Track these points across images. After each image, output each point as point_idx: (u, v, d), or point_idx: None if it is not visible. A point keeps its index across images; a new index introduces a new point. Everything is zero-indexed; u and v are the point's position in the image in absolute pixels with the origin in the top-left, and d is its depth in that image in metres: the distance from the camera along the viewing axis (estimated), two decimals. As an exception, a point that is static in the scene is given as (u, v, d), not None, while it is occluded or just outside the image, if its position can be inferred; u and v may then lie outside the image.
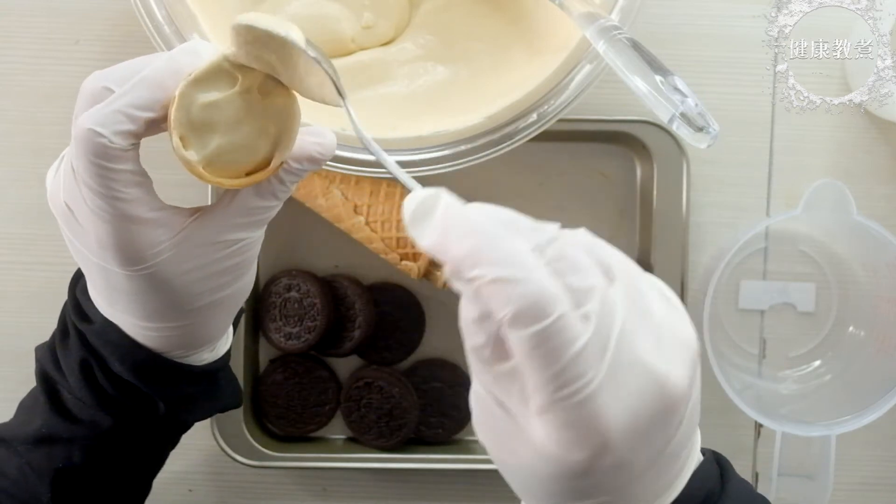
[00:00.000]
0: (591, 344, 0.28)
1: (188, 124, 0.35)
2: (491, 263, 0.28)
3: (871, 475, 0.61)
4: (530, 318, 0.27)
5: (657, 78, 0.37)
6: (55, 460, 0.41)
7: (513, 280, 0.27)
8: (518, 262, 0.28)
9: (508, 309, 0.27)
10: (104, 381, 0.40)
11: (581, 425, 0.28)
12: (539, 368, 0.27)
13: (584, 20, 0.43)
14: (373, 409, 0.58)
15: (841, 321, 0.60)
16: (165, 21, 0.47)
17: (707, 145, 0.36)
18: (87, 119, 0.34)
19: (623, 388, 0.28)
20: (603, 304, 0.28)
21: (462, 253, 0.28)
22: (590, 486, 0.29)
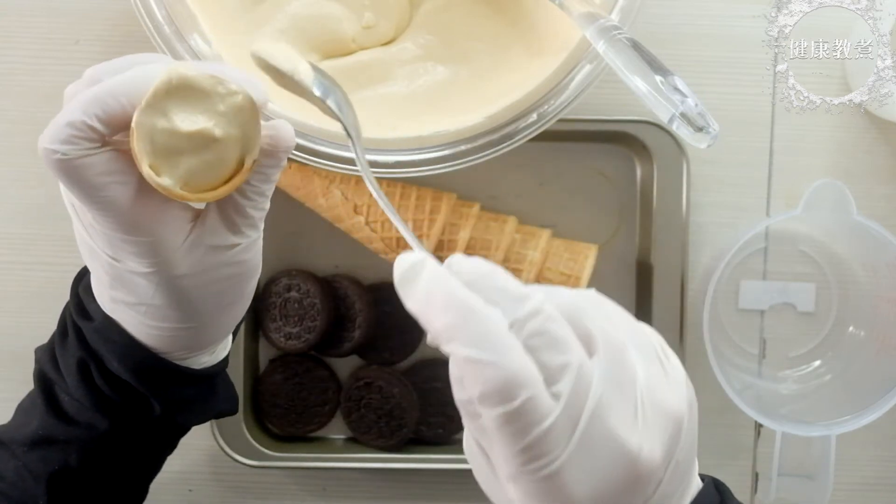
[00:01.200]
0: (559, 422, 0.28)
1: (153, 153, 0.34)
2: (465, 342, 0.28)
3: (871, 475, 0.61)
4: (498, 400, 0.27)
5: (657, 78, 0.37)
6: (52, 462, 0.41)
7: (483, 362, 0.28)
8: (491, 343, 0.28)
9: (478, 388, 0.28)
10: (101, 381, 0.40)
11: (546, 497, 0.28)
12: (506, 444, 0.28)
13: (583, 20, 0.43)
14: (373, 409, 0.58)
15: (841, 321, 0.60)
16: (165, 21, 0.47)
17: (707, 145, 0.36)
18: (42, 140, 0.34)
19: (591, 462, 0.28)
20: (577, 381, 0.28)
21: (440, 326, 0.29)
22: None
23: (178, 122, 0.34)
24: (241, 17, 0.52)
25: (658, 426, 0.30)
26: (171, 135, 0.34)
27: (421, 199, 0.55)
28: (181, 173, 0.35)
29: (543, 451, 0.28)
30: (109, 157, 0.35)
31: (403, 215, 0.54)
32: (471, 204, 0.56)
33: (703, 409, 0.63)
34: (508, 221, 0.55)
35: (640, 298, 0.59)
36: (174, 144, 0.34)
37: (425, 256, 0.30)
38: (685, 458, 0.31)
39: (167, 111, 0.34)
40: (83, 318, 0.41)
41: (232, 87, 0.35)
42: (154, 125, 0.34)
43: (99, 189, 0.35)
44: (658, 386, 0.30)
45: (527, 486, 0.28)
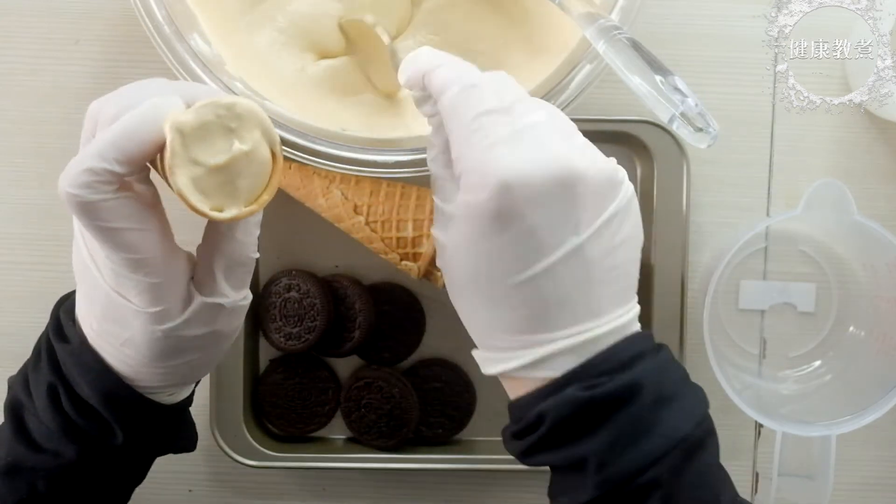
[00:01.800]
0: (499, 111, 0.35)
1: (208, 198, 0.36)
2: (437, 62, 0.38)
3: (871, 475, 0.61)
4: (454, 83, 0.36)
5: (657, 78, 0.37)
6: (19, 491, 0.41)
7: (448, 65, 0.37)
8: (458, 60, 0.38)
9: (438, 82, 0.37)
10: (69, 406, 0.40)
11: (484, 166, 0.34)
12: (453, 123, 0.36)
13: (584, 20, 0.43)
14: (373, 409, 0.58)
15: (841, 321, 0.60)
16: (165, 21, 0.47)
17: (707, 145, 0.36)
18: (62, 181, 0.35)
19: (524, 150, 0.34)
20: (521, 100, 0.36)
21: (421, 66, 0.38)
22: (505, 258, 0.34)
23: (209, 160, 0.36)
24: (241, 17, 0.52)
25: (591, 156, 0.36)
26: (211, 174, 0.36)
27: (421, 199, 0.55)
28: (240, 194, 0.37)
29: (485, 123, 0.35)
30: (129, 203, 0.36)
31: (403, 215, 0.54)
32: (471, 204, 0.56)
33: (703, 409, 0.62)
34: (508, 221, 0.55)
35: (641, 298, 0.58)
36: (220, 180, 0.36)
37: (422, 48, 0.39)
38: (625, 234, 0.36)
39: (193, 157, 0.35)
40: (60, 340, 0.41)
41: (227, 101, 0.36)
42: (193, 176, 0.35)
43: (117, 233, 0.36)
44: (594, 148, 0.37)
45: (467, 164, 0.35)
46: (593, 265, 0.35)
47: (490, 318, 0.36)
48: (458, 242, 0.36)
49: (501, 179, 0.33)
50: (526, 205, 0.34)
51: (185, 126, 0.35)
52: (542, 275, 0.34)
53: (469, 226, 0.35)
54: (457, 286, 0.37)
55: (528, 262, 0.34)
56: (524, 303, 0.35)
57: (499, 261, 0.35)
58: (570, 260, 0.34)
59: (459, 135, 0.35)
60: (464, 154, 0.35)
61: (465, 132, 0.35)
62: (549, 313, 0.35)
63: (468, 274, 0.36)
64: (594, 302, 0.35)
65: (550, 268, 0.34)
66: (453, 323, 0.60)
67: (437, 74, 0.37)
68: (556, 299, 0.35)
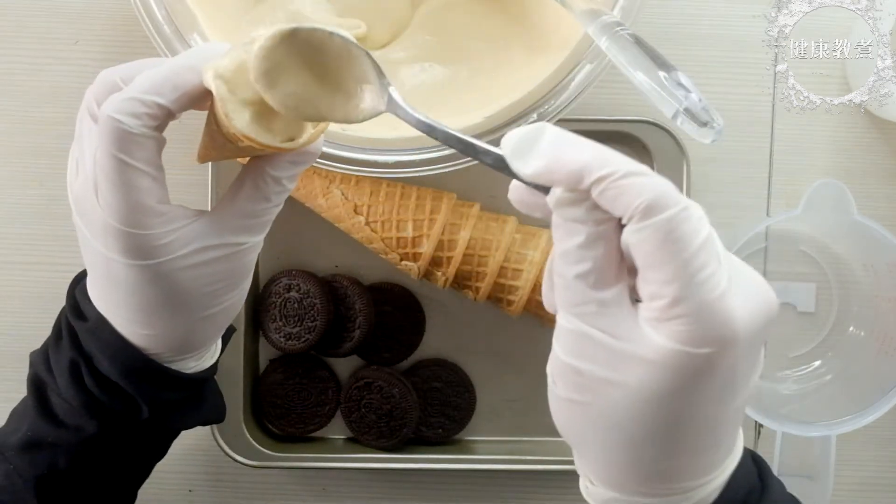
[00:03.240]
0: (711, 239, 0.29)
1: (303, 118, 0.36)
2: (618, 164, 0.30)
3: (871, 475, 0.61)
4: (663, 206, 0.29)
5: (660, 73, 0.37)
6: (40, 465, 0.41)
7: (644, 174, 0.30)
8: (640, 166, 0.30)
9: (642, 199, 0.29)
10: (91, 382, 0.40)
11: (713, 318, 0.29)
12: (672, 255, 0.29)
13: (586, 17, 0.43)
14: (373, 409, 0.58)
15: (841, 321, 0.60)
16: (165, 21, 0.47)
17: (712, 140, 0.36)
18: (108, 107, 0.35)
19: (747, 293, 0.30)
20: (709, 226, 0.30)
21: (584, 161, 0.30)
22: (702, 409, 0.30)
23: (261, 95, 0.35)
24: (241, 16, 0.52)
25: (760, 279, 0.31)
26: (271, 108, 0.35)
27: (421, 199, 0.55)
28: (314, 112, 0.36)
29: (705, 262, 0.29)
30: (156, 146, 0.37)
31: (403, 215, 0.54)
32: (471, 204, 0.56)
33: (703, 409, 0.62)
34: (508, 221, 0.55)
35: (640, 298, 0.59)
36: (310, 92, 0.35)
37: (543, 124, 0.32)
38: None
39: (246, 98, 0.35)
40: (77, 318, 0.41)
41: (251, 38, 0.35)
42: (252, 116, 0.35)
43: (136, 174, 0.36)
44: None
45: (692, 308, 0.29)
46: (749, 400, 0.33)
47: (647, 466, 0.32)
48: (641, 389, 0.30)
49: (732, 334, 0.29)
50: (742, 354, 0.30)
51: (225, 71, 0.35)
52: (723, 420, 0.32)
53: (670, 377, 0.30)
54: (616, 435, 0.32)
55: (722, 409, 0.31)
56: (694, 455, 0.32)
57: (693, 412, 0.31)
58: (744, 404, 0.32)
59: (675, 275, 0.29)
60: (682, 299, 0.29)
61: (685, 274, 0.29)
62: (708, 458, 0.33)
63: (647, 424, 0.31)
64: (732, 437, 0.34)
65: (729, 416, 0.32)
66: (453, 323, 0.61)
67: (638, 189, 0.29)
68: (718, 446, 0.33)
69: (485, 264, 0.54)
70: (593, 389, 0.31)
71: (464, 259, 0.54)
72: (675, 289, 0.29)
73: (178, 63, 0.36)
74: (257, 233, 0.40)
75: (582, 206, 0.30)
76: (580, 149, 0.30)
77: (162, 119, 0.36)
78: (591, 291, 0.31)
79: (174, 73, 0.36)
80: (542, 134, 0.31)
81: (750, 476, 0.35)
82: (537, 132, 0.31)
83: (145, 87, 0.35)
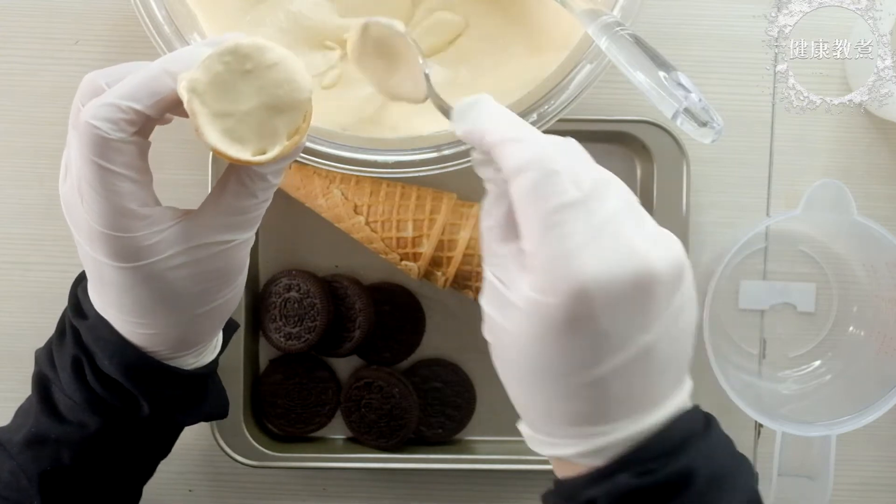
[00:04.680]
0: (578, 204, 0.32)
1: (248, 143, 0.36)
2: (504, 131, 0.35)
3: (871, 475, 0.61)
4: (526, 168, 0.33)
5: (660, 73, 0.37)
6: (44, 461, 0.41)
7: (522, 140, 0.34)
8: (532, 133, 0.34)
9: (514, 161, 0.33)
10: (93, 379, 0.41)
11: (560, 269, 0.31)
12: (532, 206, 0.33)
13: (586, 17, 0.43)
14: (373, 409, 0.58)
15: (841, 321, 0.60)
16: (165, 21, 0.47)
17: (711, 140, 0.36)
18: (86, 113, 0.35)
19: (604, 251, 0.32)
20: (597, 185, 0.33)
21: (486, 128, 0.35)
22: (573, 358, 0.32)
23: (236, 107, 0.35)
24: (241, 16, 0.52)
25: (664, 245, 0.33)
26: (245, 121, 0.35)
27: (421, 199, 0.55)
28: (281, 130, 0.36)
29: (563, 220, 0.32)
30: (137, 150, 0.36)
31: (403, 215, 0.54)
32: (471, 204, 0.56)
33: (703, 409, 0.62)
34: (508, 221, 0.55)
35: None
36: (256, 122, 0.36)
37: (483, 95, 0.37)
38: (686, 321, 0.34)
39: (221, 109, 0.35)
40: (79, 317, 0.41)
41: (228, 46, 0.35)
42: (225, 128, 0.35)
43: (118, 178, 0.36)
44: (662, 231, 0.34)
45: (543, 260, 0.32)
46: (658, 358, 0.33)
47: (547, 409, 0.34)
48: (518, 334, 0.33)
49: (579, 286, 0.31)
50: (601, 310, 0.32)
51: (198, 83, 0.35)
52: (608, 374, 0.33)
53: (534, 323, 0.33)
54: (512, 374, 0.35)
55: (596, 362, 0.32)
56: (587, 399, 0.33)
57: (564, 360, 0.33)
58: (638, 358, 0.33)
59: (533, 228, 0.33)
60: (538, 251, 0.32)
61: (541, 227, 0.32)
62: (611, 407, 0.33)
63: (528, 366, 0.34)
64: (655, 391, 0.34)
65: (618, 367, 0.33)
66: (453, 323, 0.60)
67: (511, 152, 0.34)
68: (619, 395, 0.33)
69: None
70: (494, 332, 0.35)
71: (464, 259, 0.54)
72: (531, 242, 0.33)
73: (157, 68, 0.36)
74: (246, 229, 0.40)
75: (490, 167, 0.36)
76: (492, 118, 0.35)
77: (141, 124, 0.36)
78: (495, 244, 0.35)
79: (152, 79, 0.36)
80: (477, 102, 0.36)
81: (692, 424, 0.35)
82: (475, 100, 0.37)
83: (122, 93, 0.35)
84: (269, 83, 0.36)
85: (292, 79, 0.36)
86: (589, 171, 0.34)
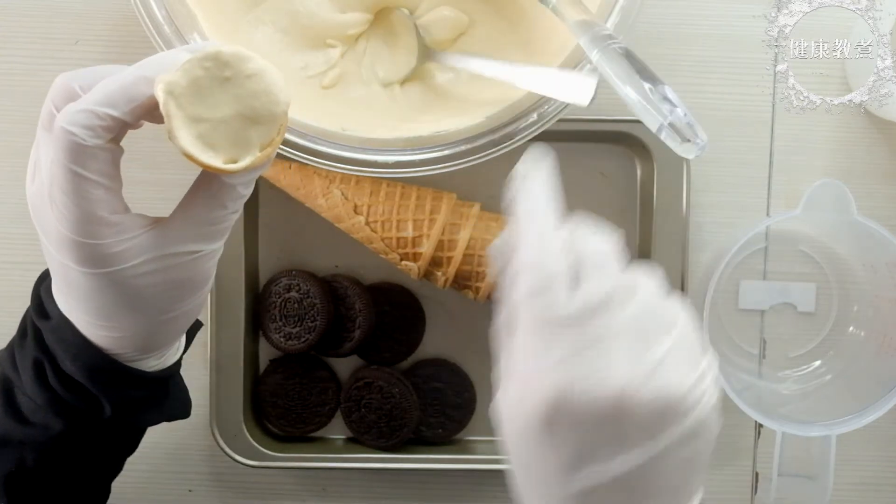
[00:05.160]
0: (566, 324, 0.32)
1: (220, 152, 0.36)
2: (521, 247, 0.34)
3: (871, 475, 0.61)
4: (526, 281, 0.33)
5: (647, 87, 0.37)
6: (7, 463, 0.41)
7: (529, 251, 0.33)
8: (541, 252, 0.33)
9: (516, 269, 0.33)
10: (55, 381, 0.40)
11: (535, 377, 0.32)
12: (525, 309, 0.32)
13: (579, 28, 0.43)
14: (373, 409, 0.58)
15: (841, 321, 0.60)
16: (165, 21, 0.47)
17: (694, 156, 0.36)
18: (62, 118, 0.35)
19: (576, 371, 0.31)
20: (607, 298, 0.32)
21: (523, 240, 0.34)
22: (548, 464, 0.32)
23: (212, 114, 0.35)
24: (241, 16, 0.52)
25: (654, 386, 0.31)
26: (219, 128, 0.35)
27: (421, 199, 0.55)
28: (254, 141, 0.36)
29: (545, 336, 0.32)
30: (111, 157, 0.36)
31: (403, 215, 0.54)
32: (471, 204, 0.56)
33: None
34: (508, 221, 0.55)
35: (640, 298, 0.59)
36: (229, 131, 0.36)
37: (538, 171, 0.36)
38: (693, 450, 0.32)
39: (196, 114, 0.35)
40: (41, 317, 0.41)
41: (209, 52, 0.35)
42: (198, 133, 0.35)
43: (91, 185, 0.36)
44: (673, 359, 0.32)
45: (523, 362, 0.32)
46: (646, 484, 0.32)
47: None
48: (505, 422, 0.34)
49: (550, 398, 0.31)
50: (570, 426, 0.31)
51: (176, 86, 0.34)
52: (585, 491, 0.32)
53: (515, 418, 0.33)
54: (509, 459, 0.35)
55: (571, 474, 0.32)
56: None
57: (541, 463, 0.33)
58: (617, 481, 0.32)
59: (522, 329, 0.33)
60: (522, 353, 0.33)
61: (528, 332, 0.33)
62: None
63: (513, 459, 0.34)
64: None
65: (593, 489, 0.32)
66: (453, 323, 0.60)
67: (515, 260, 0.34)
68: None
69: (485, 264, 0.54)
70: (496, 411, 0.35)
71: (464, 259, 0.54)
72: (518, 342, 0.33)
73: (134, 73, 0.35)
74: (215, 240, 0.39)
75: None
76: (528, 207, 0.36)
77: (117, 131, 0.36)
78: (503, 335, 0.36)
79: (129, 84, 0.35)
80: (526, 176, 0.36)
81: None
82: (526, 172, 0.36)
83: (99, 99, 0.35)
84: (246, 93, 0.36)
85: (270, 90, 0.36)
86: (609, 279, 0.33)
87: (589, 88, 0.42)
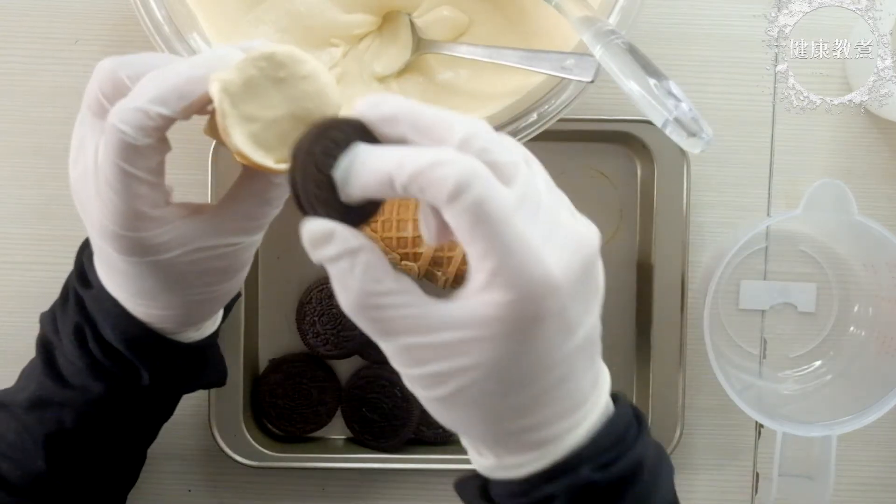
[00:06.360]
0: (523, 198, 0.30)
1: (272, 151, 0.36)
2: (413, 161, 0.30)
3: (872, 475, 0.61)
4: (464, 188, 0.29)
5: (651, 82, 0.37)
6: (47, 424, 0.42)
7: (442, 163, 0.29)
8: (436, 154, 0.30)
9: (444, 188, 0.29)
10: (95, 346, 0.41)
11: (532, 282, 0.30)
12: (483, 233, 0.29)
13: (581, 24, 0.43)
14: (373, 409, 0.58)
15: (841, 321, 0.60)
16: (165, 21, 0.47)
17: (700, 150, 0.36)
18: (114, 116, 0.35)
19: (559, 243, 0.31)
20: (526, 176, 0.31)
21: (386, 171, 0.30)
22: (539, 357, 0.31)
23: (264, 113, 0.35)
24: (241, 16, 0.52)
25: (584, 222, 0.33)
26: (270, 127, 0.35)
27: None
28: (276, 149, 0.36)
29: (517, 233, 0.29)
30: (159, 155, 0.37)
31: (403, 215, 0.54)
32: (471, 204, 0.56)
33: (703, 409, 0.62)
34: (508, 221, 0.55)
35: (640, 298, 0.59)
36: (280, 131, 0.36)
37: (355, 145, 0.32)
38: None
39: (249, 113, 0.35)
40: (83, 285, 0.42)
41: (265, 52, 0.35)
42: (250, 132, 0.35)
43: (137, 182, 0.36)
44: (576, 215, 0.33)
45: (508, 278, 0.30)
46: (595, 339, 0.33)
47: (506, 425, 0.33)
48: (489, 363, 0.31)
49: (555, 286, 0.30)
50: (569, 297, 0.31)
51: (231, 84, 0.34)
52: (569, 365, 0.32)
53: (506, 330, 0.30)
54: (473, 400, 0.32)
55: (559, 355, 0.32)
56: (551, 402, 0.32)
57: (534, 361, 0.31)
58: (585, 343, 0.32)
59: (489, 249, 0.30)
60: (501, 268, 0.30)
61: (501, 243, 0.29)
62: (566, 402, 0.33)
63: (498, 384, 0.32)
64: (596, 374, 0.34)
65: (570, 356, 0.32)
66: (453, 323, 0.60)
67: (433, 178, 0.29)
68: (570, 388, 0.32)
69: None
70: (446, 382, 0.32)
71: (464, 259, 0.54)
72: (492, 263, 0.29)
73: (186, 72, 0.35)
74: (255, 233, 0.40)
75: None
76: (381, 159, 0.30)
77: (166, 128, 0.36)
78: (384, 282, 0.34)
79: (182, 83, 0.35)
80: (354, 157, 0.31)
81: (627, 412, 0.35)
82: (352, 155, 0.31)
83: (151, 97, 0.35)
84: (300, 94, 0.36)
85: (323, 92, 0.36)
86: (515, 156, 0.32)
87: (591, 64, 0.42)
